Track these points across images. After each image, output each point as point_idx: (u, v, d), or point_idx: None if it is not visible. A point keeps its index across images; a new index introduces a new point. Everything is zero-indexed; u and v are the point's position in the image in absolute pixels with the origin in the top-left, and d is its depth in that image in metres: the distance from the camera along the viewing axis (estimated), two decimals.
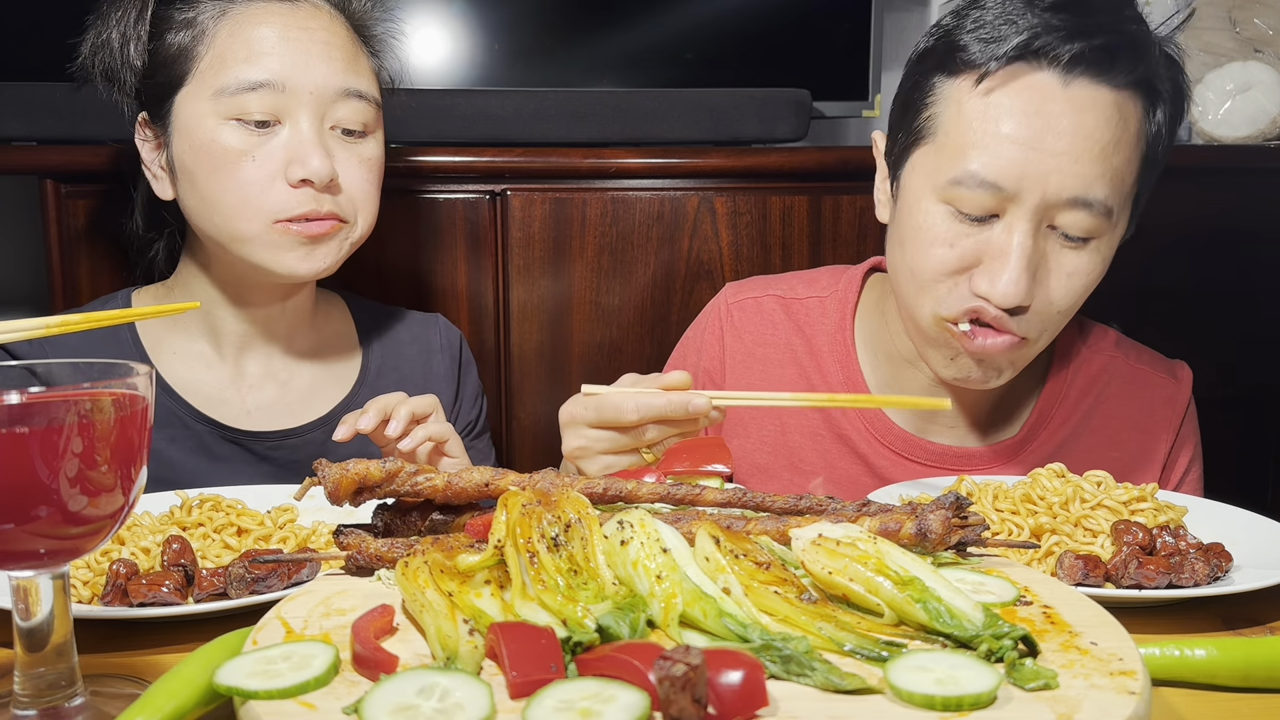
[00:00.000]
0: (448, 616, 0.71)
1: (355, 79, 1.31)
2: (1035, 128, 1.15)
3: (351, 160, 1.31)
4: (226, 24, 1.28)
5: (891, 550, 0.77)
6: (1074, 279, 1.21)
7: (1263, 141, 2.08)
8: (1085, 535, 1.03)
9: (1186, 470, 1.43)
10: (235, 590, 0.92)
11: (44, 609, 0.74)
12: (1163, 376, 1.43)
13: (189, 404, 1.37)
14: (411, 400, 1.22)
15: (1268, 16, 2.15)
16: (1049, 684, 0.66)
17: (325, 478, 0.86)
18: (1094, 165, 1.16)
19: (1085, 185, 1.16)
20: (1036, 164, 1.15)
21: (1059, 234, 1.19)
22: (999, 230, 1.18)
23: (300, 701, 0.65)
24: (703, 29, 2.03)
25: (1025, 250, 1.16)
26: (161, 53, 1.30)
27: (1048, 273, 1.20)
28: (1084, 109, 1.16)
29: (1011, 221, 1.17)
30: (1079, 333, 1.43)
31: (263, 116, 1.26)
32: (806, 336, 1.44)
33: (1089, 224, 1.18)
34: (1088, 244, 1.20)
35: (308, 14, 1.31)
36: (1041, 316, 1.22)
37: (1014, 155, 1.16)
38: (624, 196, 1.77)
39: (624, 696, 0.62)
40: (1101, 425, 1.40)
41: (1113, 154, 1.17)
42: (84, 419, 0.70)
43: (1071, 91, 1.16)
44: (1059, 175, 1.15)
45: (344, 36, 1.33)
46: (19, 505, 0.69)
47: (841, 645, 0.71)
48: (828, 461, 1.41)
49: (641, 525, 0.77)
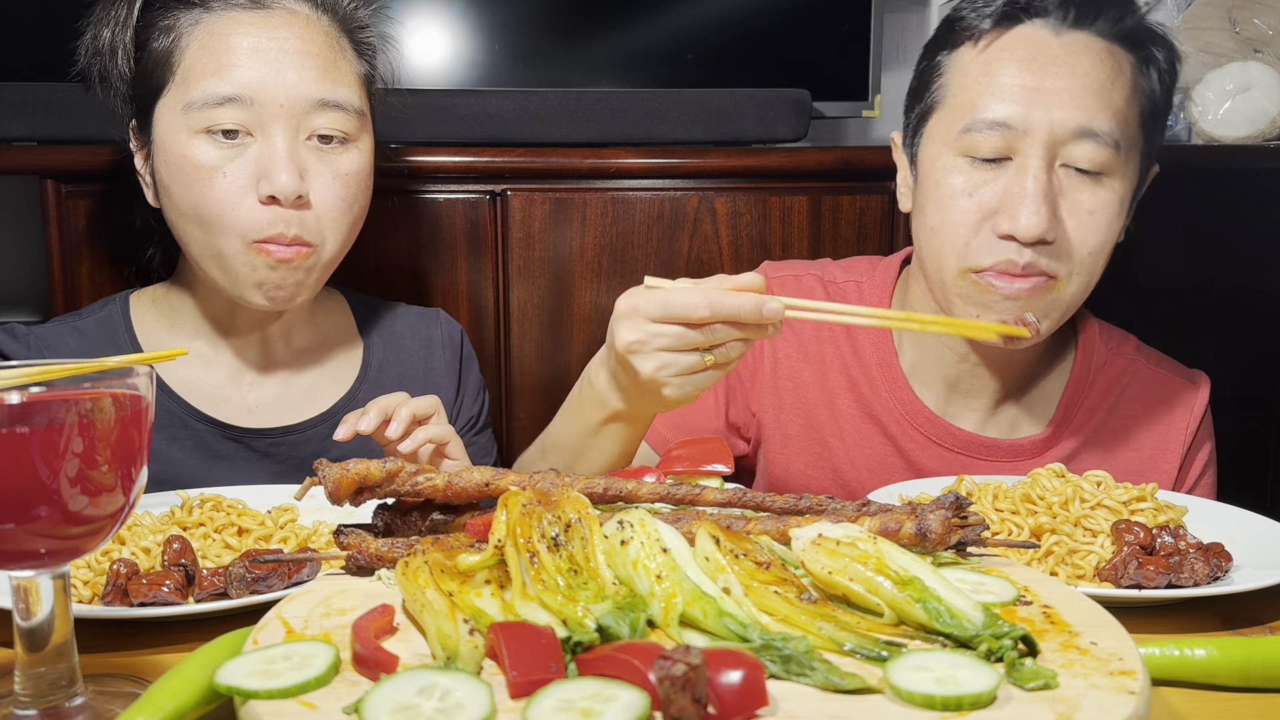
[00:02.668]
0: (448, 616, 0.71)
1: (331, 88, 1.27)
2: (1034, 70, 1.24)
3: (325, 175, 1.28)
4: (199, 34, 1.25)
5: (891, 550, 0.77)
6: (1095, 216, 1.25)
7: (1262, 142, 2.08)
8: (1085, 535, 1.03)
9: (1201, 474, 1.45)
10: (236, 590, 0.92)
11: (44, 609, 0.74)
12: (1181, 381, 1.45)
13: (189, 404, 1.37)
14: (413, 401, 1.22)
15: (1267, 16, 2.15)
16: (1049, 684, 0.66)
17: (325, 478, 0.86)
18: (1094, 99, 1.23)
19: (1089, 116, 1.22)
20: (1040, 100, 1.23)
21: (1071, 170, 1.24)
22: (1014, 170, 1.24)
23: (301, 701, 0.65)
24: (703, 29, 2.03)
25: (1041, 182, 1.22)
26: (145, 60, 1.28)
27: (1067, 211, 1.25)
28: (1077, 52, 1.25)
29: (1024, 160, 1.23)
30: (1100, 335, 1.45)
31: (233, 126, 1.23)
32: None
33: (1098, 156, 1.23)
34: (1101, 180, 1.25)
35: (281, 21, 1.27)
36: (1069, 255, 1.26)
37: (1018, 95, 1.23)
38: (624, 196, 1.77)
39: (624, 696, 0.62)
40: (1121, 426, 1.42)
41: (1111, 90, 1.24)
42: (84, 419, 0.70)
43: (1064, 39, 1.25)
44: (1062, 109, 1.22)
45: (320, 44, 1.28)
46: (19, 505, 0.69)
47: (841, 645, 0.71)
48: (859, 439, 1.43)
49: (641, 525, 0.77)
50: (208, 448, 1.37)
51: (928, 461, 1.40)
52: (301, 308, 1.43)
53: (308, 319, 1.46)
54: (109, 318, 1.41)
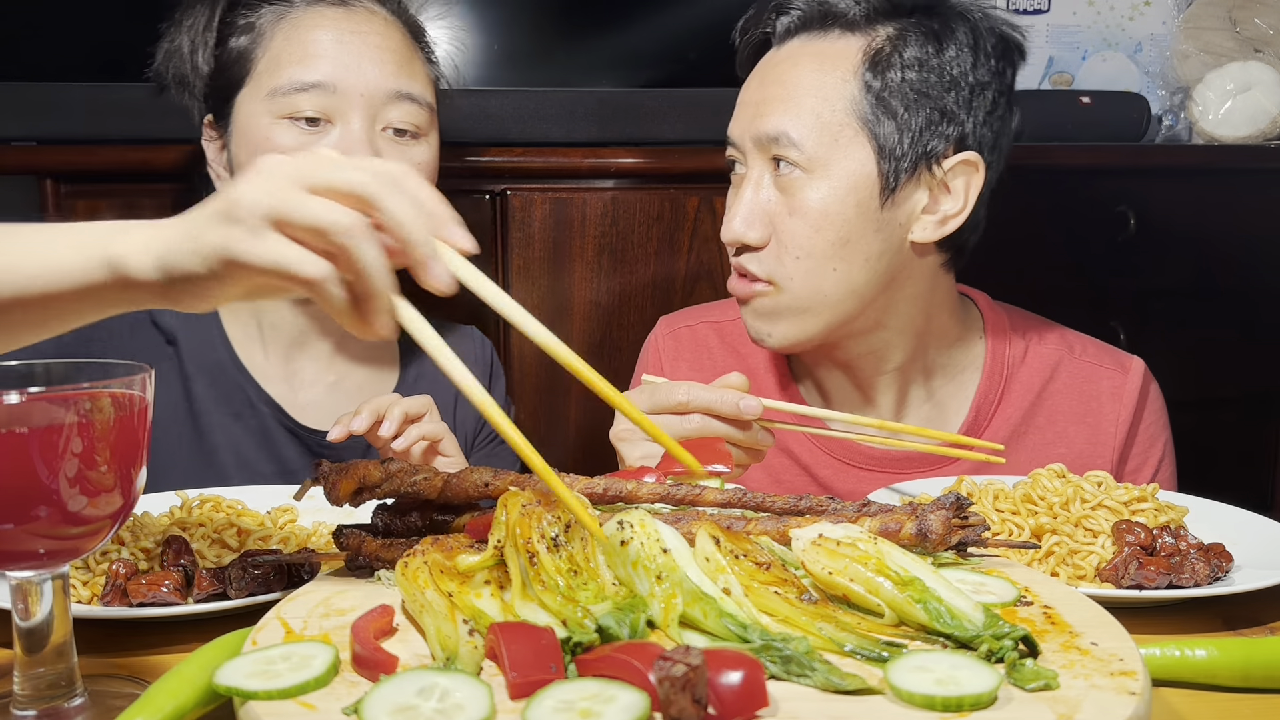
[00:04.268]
0: (447, 617, 0.71)
1: (407, 82, 1.34)
2: (747, 86, 1.31)
3: (401, 162, 1.33)
4: (283, 27, 1.32)
5: (892, 550, 0.77)
6: (795, 218, 1.26)
7: (1263, 141, 2.08)
8: (1086, 535, 1.03)
9: (1158, 468, 1.41)
10: (235, 591, 0.92)
11: (43, 609, 0.73)
12: (1108, 369, 1.40)
13: (256, 382, 1.40)
14: (405, 400, 1.23)
15: (1268, 16, 2.15)
16: (1049, 684, 0.65)
17: (324, 478, 0.86)
18: (779, 104, 1.26)
19: (777, 125, 1.25)
20: (743, 115, 1.29)
21: (780, 174, 1.26)
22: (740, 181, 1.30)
23: (300, 702, 0.65)
24: (703, 29, 2.03)
25: (745, 192, 1.28)
26: (224, 57, 1.34)
27: (775, 214, 1.27)
28: (781, 62, 1.29)
29: (746, 171, 1.29)
30: (1013, 326, 1.42)
31: (314, 114, 1.29)
32: (741, 355, 1.46)
33: (787, 154, 1.25)
34: (796, 180, 1.25)
35: (362, 18, 1.34)
36: (771, 258, 1.28)
37: (735, 113, 1.31)
38: (624, 196, 1.77)
39: (624, 697, 0.62)
40: (1047, 423, 1.39)
41: (806, 95, 1.25)
42: (83, 419, 0.70)
43: (773, 51, 1.32)
44: (758, 119, 1.27)
45: (398, 40, 1.36)
46: (18, 505, 0.69)
47: (842, 646, 0.70)
48: (771, 475, 1.41)
49: (641, 525, 0.77)
50: (267, 431, 1.40)
51: (843, 484, 1.37)
52: None
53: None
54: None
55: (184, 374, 1.40)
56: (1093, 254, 1.93)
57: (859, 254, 1.26)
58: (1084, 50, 2.34)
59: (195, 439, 1.39)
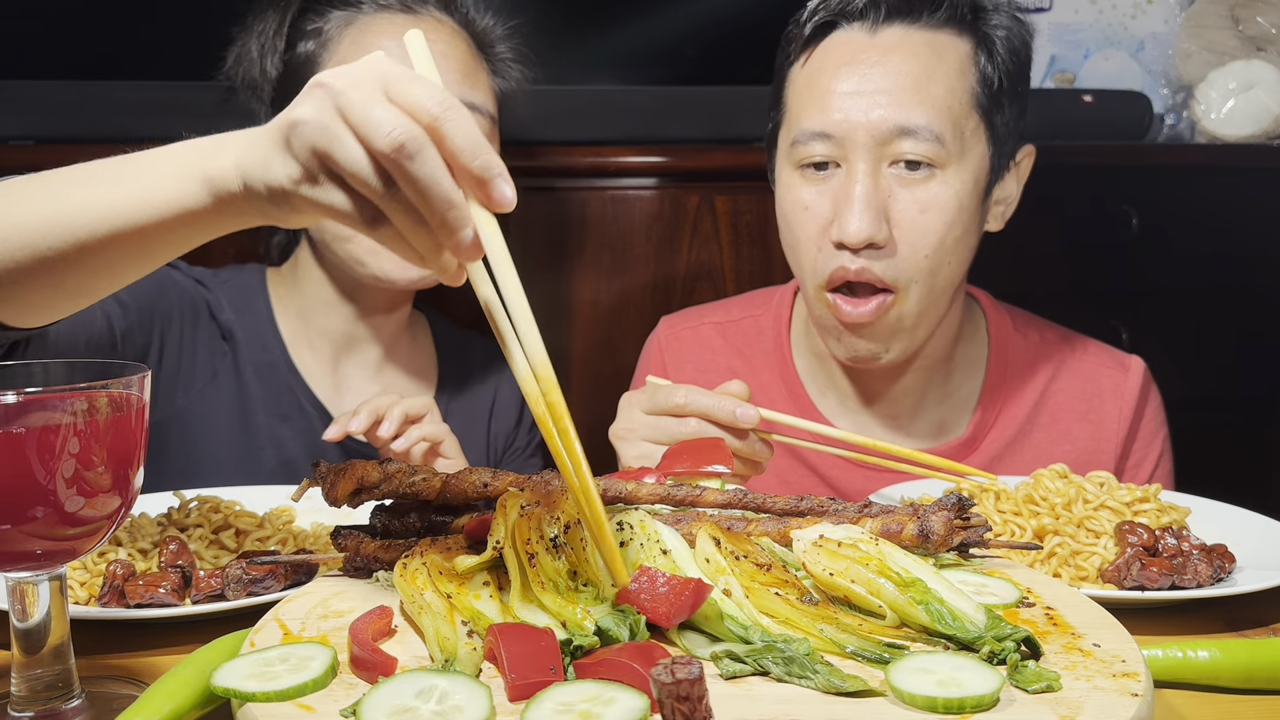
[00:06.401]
0: (446, 618, 0.71)
1: (470, 92, 1.36)
2: (849, 76, 1.24)
3: None
4: (350, 33, 1.34)
5: (893, 552, 0.76)
6: (928, 215, 1.23)
7: (1265, 140, 2.07)
8: (1088, 536, 1.02)
9: (1158, 463, 1.42)
10: (233, 592, 0.92)
11: (41, 610, 0.73)
12: (1109, 368, 1.42)
13: (307, 385, 1.42)
14: (406, 401, 1.23)
15: (1270, 15, 2.14)
16: (1051, 686, 0.65)
17: (322, 478, 0.86)
18: (909, 94, 1.22)
19: (904, 114, 1.21)
20: (855, 106, 1.22)
21: (899, 168, 1.23)
22: (841, 177, 1.24)
23: (298, 704, 0.64)
24: (703, 28, 2.03)
25: (865, 187, 1.22)
26: (293, 61, 1.36)
27: (901, 211, 1.23)
28: (891, 50, 1.24)
29: (850, 167, 1.23)
30: (1015, 326, 1.43)
31: None
32: (746, 356, 1.46)
33: (921, 150, 1.22)
34: (931, 176, 1.23)
35: (429, 27, 1.36)
36: (905, 261, 1.24)
37: (835, 103, 1.23)
38: (624, 196, 1.76)
39: (623, 699, 0.62)
40: (1051, 421, 1.40)
41: (927, 85, 1.22)
42: (81, 419, 0.70)
43: (879, 38, 1.25)
44: (878, 110, 1.22)
45: (463, 50, 1.38)
46: (16, 506, 0.69)
47: (843, 647, 0.70)
48: (778, 476, 1.41)
49: (641, 526, 0.77)
50: (312, 435, 1.40)
51: (850, 484, 1.38)
52: (403, 322, 1.49)
53: (408, 334, 1.51)
54: (246, 285, 1.46)
55: (239, 373, 1.40)
56: (1094, 253, 1.93)
57: (966, 249, 1.27)
58: (1086, 49, 2.33)
59: (244, 439, 1.39)
